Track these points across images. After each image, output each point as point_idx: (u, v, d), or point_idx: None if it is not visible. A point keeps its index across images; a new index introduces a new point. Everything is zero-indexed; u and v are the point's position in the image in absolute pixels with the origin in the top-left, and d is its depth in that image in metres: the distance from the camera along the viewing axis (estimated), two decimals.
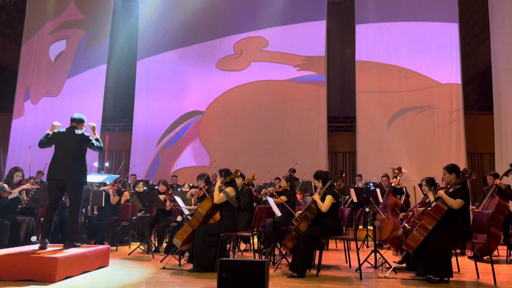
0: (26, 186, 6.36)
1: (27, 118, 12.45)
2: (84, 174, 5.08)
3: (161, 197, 6.79)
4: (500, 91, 10.74)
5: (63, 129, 5.13)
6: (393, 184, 7.47)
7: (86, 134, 5.14)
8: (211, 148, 11.94)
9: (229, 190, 5.21)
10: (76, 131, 5.10)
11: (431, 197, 5.11)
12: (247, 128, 11.91)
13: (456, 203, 4.53)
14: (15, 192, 6.11)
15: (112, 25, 12.79)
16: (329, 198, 4.93)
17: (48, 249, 4.74)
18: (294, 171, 9.16)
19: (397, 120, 11.36)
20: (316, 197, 5.03)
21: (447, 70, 11.35)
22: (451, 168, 4.83)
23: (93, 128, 5.28)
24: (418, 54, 11.52)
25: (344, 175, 5.35)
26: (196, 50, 12.48)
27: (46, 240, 4.81)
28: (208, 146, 12.00)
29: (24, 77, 12.70)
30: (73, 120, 5.20)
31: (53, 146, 5.05)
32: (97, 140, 5.18)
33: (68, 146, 4.98)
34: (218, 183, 5.24)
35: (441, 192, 4.63)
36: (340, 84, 13.42)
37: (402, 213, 5.93)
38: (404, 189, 7.69)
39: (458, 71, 11.27)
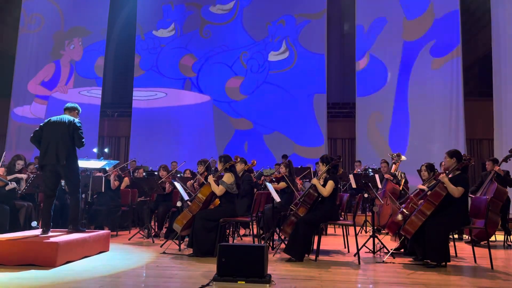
0: (23, 176, 6.30)
1: (25, 104, 12.41)
2: (74, 159, 4.97)
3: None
4: (500, 77, 10.70)
5: (54, 117, 5.04)
6: (392, 170, 7.48)
7: (76, 121, 5.00)
8: (212, 133, 11.95)
9: (227, 176, 5.22)
10: (66, 117, 5.01)
11: (429, 183, 5.12)
12: (245, 116, 11.89)
13: (457, 191, 4.54)
14: (12, 184, 6.08)
15: (110, 10, 12.67)
16: (330, 183, 4.96)
17: (49, 233, 4.77)
18: (286, 157, 9.20)
19: (397, 106, 11.33)
20: (315, 181, 5.04)
21: (448, 56, 11.29)
22: (453, 153, 4.84)
23: None
24: (419, 40, 11.44)
25: (341, 159, 5.35)
26: (196, 35, 12.42)
27: (45, 229, 4.80)
28: (209, 132, 12.00)
29: (22, 63, 12.62)
30: (65, 108, 5.16)
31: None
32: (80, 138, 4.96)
33: (58, 131, 4.88)
34: (220, 167, 5.26)
35: (445, 178, 4.62)
36: (340, 70, 13.36)
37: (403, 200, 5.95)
38: (402, 175, 7.70)
39: (459, 56, 11.21)
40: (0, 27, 13.95)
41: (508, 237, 6.52)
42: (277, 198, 5.45)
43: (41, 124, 5.04)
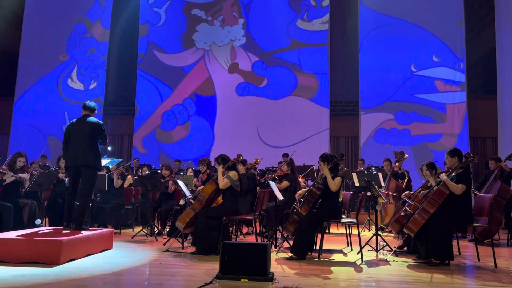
0: (25, 175, 6.28)
1: (29, 102, 12.45)
2: (98, 160, 5.15)
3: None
4: (504, 76, 10.66)
5: (76, 120, 5.22)
6: (395, 169, 7.47)
7: (100, 122, 5.20)
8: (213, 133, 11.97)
9: (232, 174, 5.24)
10: (89, 118, 5.19)
11: (433, 182, 5.12)
12: (248, 113, 11.89)
13: (458, 188, 4.53)
14: (10, 174, 6.04)
15: (113, 8, 12.69)
16: (339, 179, 4.95)
17: (51, 231, 4.80)
18: (287, 155, 9.18)
19: (399, 104, 11.31)
20: (327, 171, 5.00)
21: (451, 54, 11.25)
22: (454, 152, 4.83)
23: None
24: (422, 37, 11.40)
25: (343, 157, 5.33)
26: (197, 36, 12.43)
27: (73, 225, 4.95)
28: (210, 131, 12.01)
29: (25, 61, 12.66)
30: (87, 108, 5.28)
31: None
32: (105, 138, 5.28)
33: (82, 133, 5.07)
34: (220, 170, 5.25)
35: (445, 177, 4.62)
36: (343, 69, 13.35)
37: (405, 192, 5.93)
38: (405, 173, 7.69)
39: (462, 54, 11.17)
40: (2, 25, 13.97)
41: None
42: (280, 196, 5.45)
43: (66, 127, 5.24)
